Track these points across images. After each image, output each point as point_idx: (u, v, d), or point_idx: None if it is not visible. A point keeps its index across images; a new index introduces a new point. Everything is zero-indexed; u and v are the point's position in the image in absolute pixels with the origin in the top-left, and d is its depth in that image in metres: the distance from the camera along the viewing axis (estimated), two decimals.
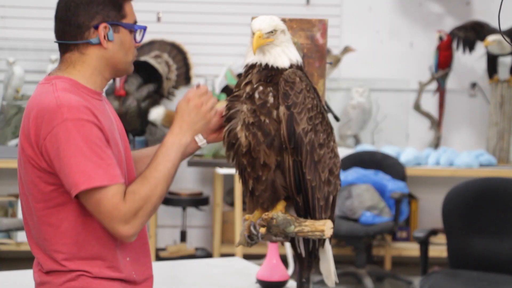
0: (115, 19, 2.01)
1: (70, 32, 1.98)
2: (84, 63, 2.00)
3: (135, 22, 2.08)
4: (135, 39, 2.07)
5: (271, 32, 1.97)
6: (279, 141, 1.95)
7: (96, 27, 1.98)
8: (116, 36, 2.00)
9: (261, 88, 1.97)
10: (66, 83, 1.97)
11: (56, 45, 2.05)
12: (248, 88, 1.98)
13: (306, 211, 2.02)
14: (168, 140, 2.00)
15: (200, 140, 2.04)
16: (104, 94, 2.10)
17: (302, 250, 2.10)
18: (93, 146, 1.87)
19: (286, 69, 1.98)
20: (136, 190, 1.91)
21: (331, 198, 2.04)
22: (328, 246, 2.11)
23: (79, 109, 1.89)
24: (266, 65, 1.98)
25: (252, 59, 2.00)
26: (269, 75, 1.97)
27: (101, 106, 2.00)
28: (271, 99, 1.96)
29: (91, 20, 1.97)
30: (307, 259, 2.11)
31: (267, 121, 1.95)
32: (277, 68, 1.98)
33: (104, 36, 1.98)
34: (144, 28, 2.10)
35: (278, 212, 2.01)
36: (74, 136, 1.86)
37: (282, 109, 1.94)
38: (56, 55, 5.16)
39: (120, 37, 2.01)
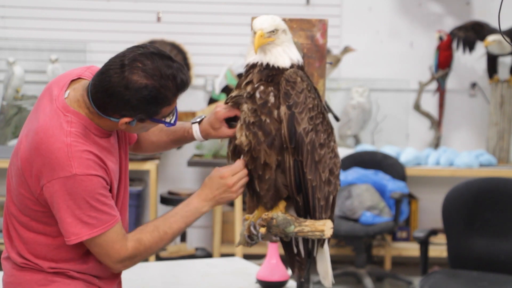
0: (144, 118, 1.95)
1: (97, 103, 1.93)
2: (99, 120, 1.97)
3: (172, 110, 1.99)
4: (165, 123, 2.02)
5: (273, 31, 1.98)
6: (279, 141, 1.95)
7: (122, 116, 1.94)
8: (139, 124, 1.97)
9: (262, 87, 1.97)
10: (80, 124, 1.94)
11: (56, 45, 2.04)
12: (249, 88, 1.98)
13: (306, 211, 2.02)
14: (193, 203, 2.05)
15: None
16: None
17: (301, 250, 2.10)
18: (98, 197, 1.92)
19: (287, 69, 1.98)
20: (143, 239, 1.99)
21: (331, 198, 2.05)
22: (326, 247, 2.11)
23: (88, 163, 1.90)
24: (267, 64, 1.98)
25: (253, 58, 2.00)
26: (270, 74, 1.97)
27: (109, 143, 2.00)
28: (272, 99, 1.96)
29: (120, 111, 1.92)
30: (306, 259, 2.11)
31: (267, 120, 1.95)
32: (278, 67, 1.98)
33: (126, 122, 1.95)
34: (173, 125, 2.02)
35: (278, 212, 2.01)
36: (81, 190, 1.89)
37: (283, 108, 1.94)
38: (56, 55, 5.16)
39: (143, 125, 1.99)
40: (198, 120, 2.18)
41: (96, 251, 1.96)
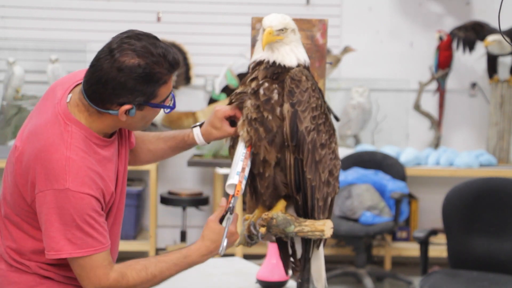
0: (142, 102, 1.91)
1: (93, 97, 1.91)
2: (99, 120, 1.94)
3: (170, 93, 1.97)
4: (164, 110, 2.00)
5: (282, 30, 1.98)
6: (280, 138, 1.95)
7: (120, 105, 1.90)
8: (138, 113, 1.93)
9: (266, 84, 1.97)
10: (81, 135, 1.91)
11: (56, 45, 2.03)
12: (253, 84, 1.98)
13: (305, 211, 2.02)
14: (192, 257, 2.01)
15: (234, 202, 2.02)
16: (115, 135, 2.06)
17: (297, 251, 2.10)
18: (86, 218, 1.87)
19: (293, 68, 1.98)
20: (127, 275, 1.92)
21: (329, 199, 2.05)
22: (321, 249, 2.11)
23: (84, 180, 1.87)
24: (274, 62, 1.98)
25: (260, 55, 2.00)
26: (276, 72, 1.98)
27: (109, 151, 1.98)
28: (275, 96, 1.96)
29: (117, 99, 1.89)
30: (303, 260, 2.11)
31: (270, 117, 1.95)
32: (284, 66, 1.98)
33: (125, 111, 1.91)
34: (172, 108, 2.01)
35: (278, 212, 2.01)
36: (69, 206, 1.85)
37: (286, 106, 1.95)
38: (56, 55, 5.16)
39: (143, 113, 1.94)
40: (198, 124, 2.17)
41: (76, 271, 1.92)
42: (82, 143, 1.90)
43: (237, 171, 1.96)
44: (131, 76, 1.85)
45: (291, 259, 2.15)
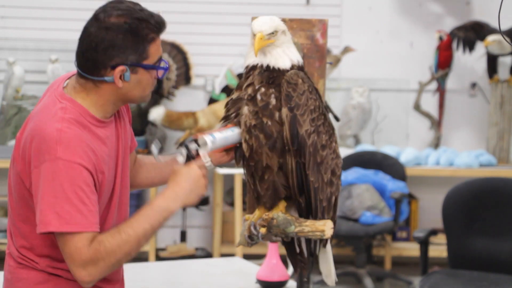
0: (135, 61, 1.93)
1: (87, 66, 1.93)
2: (97, 94, 1.95)
3: (160, 57, 2.00)
4: (157, 74, 2.00)
5: (272, 33, 1.97)
6: (281, 143, 1.95)
7: (114, 67, 1.92)
8: (133, 77, 1.94)
9: (263, 89, 1.96)
10: (75, 112, 1.92)
11: (56, 45, 2.03)
12: (250, 90, 1.97)
13: (309, 212, 2.01)
14: (156, 203, 1.96)
15: (204, 156, 1.98)
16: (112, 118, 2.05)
17: (304, 250, 2.10)
18: (77, 190, 1.85)
19: (287, 70, 1.97)
20: (104, 240, 1.88)
21: (333, 199, 2.04)
22: (329, 246, 2.11)
23: (75, 150, 1.86)
24: (268, 66, 1.97)
25: (253, 60, 1.99)
26: (271, 76, 1.97)
27: (105, 134, 1.97)
28: (273, 101, 1.95)
29: (110, 60, 1.91)
30: (308, 259, 2.11)
31: (269, 123, 1.94)
32: (279, 69, 1.97)
33: (120, 77, 1.93)
34: (166, 69, 2.02)
35: (279, 212, 2.00)
36: (60, 176, 1.84)
37: (284, 110, 1.94)
38: (56, 55, 5.16)
39: (137, 77, 1.95)
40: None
41: (62, 250, 1.88)
42: (75, 117, 1.91)
43: (209, 133, 1.98)
44: (119, 32, 1.89)
45: (299, 257, 2.14)
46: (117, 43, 1.90)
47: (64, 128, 1.88)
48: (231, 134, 1.99)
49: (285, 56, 1.99)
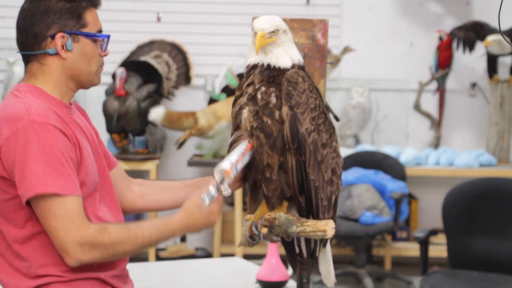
0: (73, 28, 1.94)
1: (28, 43, 1.95)
2: (45, 74, 1.95)
3: (100, 31, 2.01)
4: (101, 48, 2.01)
5: (273, 32, 1.97)
6: (281, 142, 1.95)
7: (53, 37, 1.92)
8: (75, 46, 1.95)
9: (263, 88, 1.96)
10: (34, 92, 1.92)
11: None
12: (250, 89, 1.98)
13: (309, 211, 2.02)
14: (173, 224, 1.94)
15: (225, 189, 1.96)
16: (73, 106, 2.03)
17: (303, 250, 2.10)
18: (56, 152, 1.82)
19: (288, 69, 1.98)
20: (110, 229, 1.85)
21: (333, 198, 2.04)
22: (328, 247, 2.11)
23: (48, 114, 1.85)
24: (268, 65, 1.98)
25: (254, 59, 1.99)
26: (271, 75, 1.97)
27: (70, 118, 1.95)
28: (273, 100, 1.95)
29: (48, 29, 1.93)
30: (308, 259, 2.11)
31: (269, 122, 1.94)
32: (279, 68, 1.97)
33: (62, 46, 1.93)
34: (107, 37, 2.02)
35: (280, 213, 2.00)
36: (38, 139, 1.80)
37: (285, 109, 1.94)
38: None
39: (80, 46, 1.96)
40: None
41: (52, 225, 1.80)
42: (39, 98, 1.90)
43: (231, 161, 1.95)
44: (52, 0, 1.92)
45: (299, 258, 2.14)
46: (52, 9, 1.92)
47: (31, 101, 1.87)
48: (246, 156, 1.97)
49: (285, 55, 1.99)
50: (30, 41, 1.94)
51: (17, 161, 1.81)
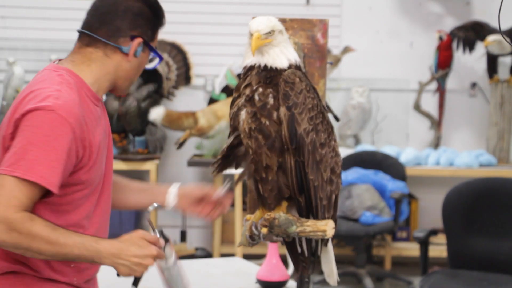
0: (148, 39, 2.00)
1: (107, 31, 1.95)
2: (101, 65, 1.97)
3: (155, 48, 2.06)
4: (148, 63, 2.05)
5: (269, 32, 1.97)
6: (280, 143, 1.95)
7: (133, 38, 1.96)
8: (141, 55, 2.00)
9: (260, 89, 1.96)
10: (73, 80, 1.92)
11: (56, 45, 2.03)
12: (247, 91, 1.97)
13: (308, 211, 2.02)
14: (101, 245, 1.86)
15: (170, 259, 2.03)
16: (104, 98, 2.06)
17: (305, 250, 2.10)
18: (56, 146, 1.80)
19: (285, 70, 1.97)
20: (36, 223, 1.79)
21: (333, 197, 2.04)
22: (330, 246, 2.11)
23: (71, 111, 1.83)
24: (265, 66, 1.97)
25: (251, 60, 1.99)
26: (269, 76, 1.97)
27: (97, 113, 1.97)
28: (271, 101, 1.95)
29: (132, 30, 1.96)
30: (309, 259, 2.11)
31: (267, 123, 1.94)
32: (276, 69, 1.97)
33: (138, 44, 1.97)
34: (161, 60, 2.08)
35: (280, 213, 2.00)
36: (49, 128, 1.80)
37: (282, 110, 1.94)
38: (56, 55, 5.16)
39: (142, 57, 2.01)
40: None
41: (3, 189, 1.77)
42: (74, 86, 1.89)
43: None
44: (146, 5, 1.97)
45: (301, 257, 2.14)
46: (143, 14, 1.96)
47: (64, 90, 1.86)
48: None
49: (282, 55, 1.99)
50: (110, 31, 1.95)
51: (20, 136, 1.81)
